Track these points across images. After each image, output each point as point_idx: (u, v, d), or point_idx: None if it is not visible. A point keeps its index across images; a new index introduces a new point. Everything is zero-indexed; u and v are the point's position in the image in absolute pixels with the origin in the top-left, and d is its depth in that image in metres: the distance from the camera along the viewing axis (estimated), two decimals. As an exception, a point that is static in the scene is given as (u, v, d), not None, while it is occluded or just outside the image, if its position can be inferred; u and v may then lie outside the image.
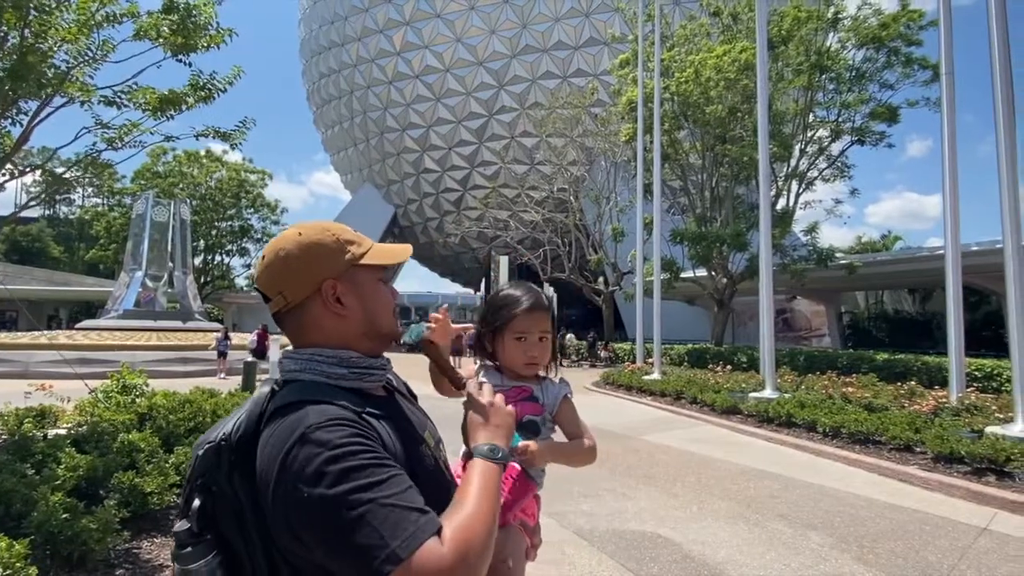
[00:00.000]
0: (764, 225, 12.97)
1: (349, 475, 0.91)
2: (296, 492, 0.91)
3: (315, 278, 1.10)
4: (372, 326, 1.15)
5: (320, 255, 1.12)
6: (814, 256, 21.34)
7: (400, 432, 1.09)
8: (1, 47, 5.39)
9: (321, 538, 0.91)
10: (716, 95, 20.76)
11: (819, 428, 9.28)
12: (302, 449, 0.93)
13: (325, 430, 0.95)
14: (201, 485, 1.02)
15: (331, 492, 0.90)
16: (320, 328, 1.13)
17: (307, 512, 0.91)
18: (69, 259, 61.01)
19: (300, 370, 1.10)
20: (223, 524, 1.01)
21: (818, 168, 22.46)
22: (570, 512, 5.66)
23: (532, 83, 38.43)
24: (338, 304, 1.12)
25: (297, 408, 1.00)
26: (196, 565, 0.98)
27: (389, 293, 1.20)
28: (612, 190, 31.40)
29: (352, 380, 1.10)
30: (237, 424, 1.05)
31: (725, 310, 24.01)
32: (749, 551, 4.74)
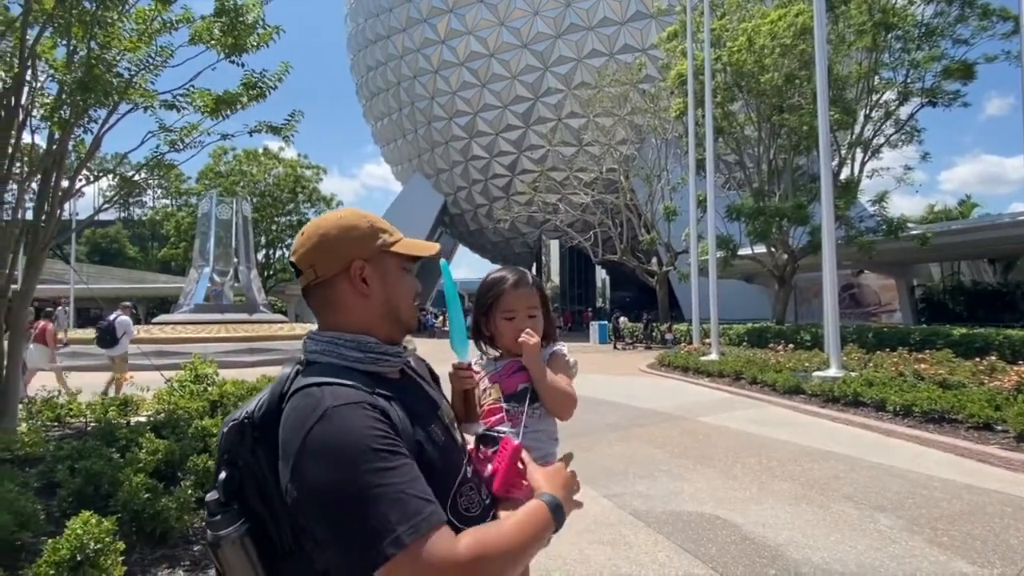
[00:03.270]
0: (826, 196, 12.40)
1: (362, 458, 0.95)
2: (309, 471, 0.96)
3: (346, 257, 1.16)
4: (392, 310, 1.21)
5: (354, 237, 1.18)
6: (883, 227, 20.26)
7: (410, 412, 1.12)
8: (71, 61, 5.73)
9: (328, 518, 0.94)
10: (771, 63, 19.88)
11: (889, 407, 8.88)
12: (318, 429, 0.97)
13: (341, 413, 0.99)
14: (227, 459, 1.11)
15: (343, 473, 0.94)
16: (343, 305, 1.18)
17: (317, 492, 0.95)
18: (144, 258, 64.72)
19: (320, 351, 1.15)
20: (249, 495, 1.09)
21: (885, 134, 21.22)
22: (626, 494, 5.64)
23: (578, 63, 37.82)
24: (363, 284, 1.17)
25: (316, 389, 1.05)
26: (225, 532, 1.06)
27: (412, 283, 1.25)
28: (663, 168, 30.66)
29: (368, 364, 1.14)
30: (260, 403, 1.12)
31: (786, 287, 23.17)
32: (812, 533, 4.61)
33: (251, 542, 1.07)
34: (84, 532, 2.95)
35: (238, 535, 1.06)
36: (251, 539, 1.07)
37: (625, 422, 9.27)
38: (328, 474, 0.94)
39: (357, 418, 0.99)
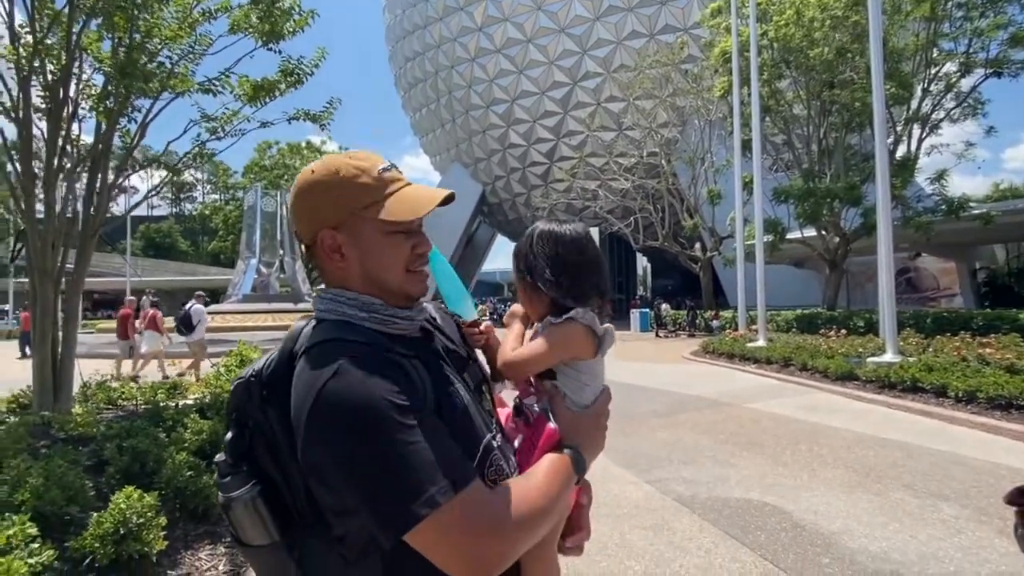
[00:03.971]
0: (881, 174, 11.78)
1: (384, 415, 0.87)
2: (326, 433, 0.88)
3: (315, 224, 1.04)
4: (374, 280, 1.05)
5: (319, 201, 1.03)
6: (942, 207, 19.19)
7: (431, 372, 1.02)
8: (116, 52, 5.86)
9: (353, 484, 0.87)
10: (821, 36, 19.00)
11: (950, 393, 8.40)
12: (333, 387, 0.89)
13: (356, 368, 0.91)
14: (236, 419, 1.05)
15: (364, 433, 0.86)
16: (328, 272, 1.08)
17: (337, 455, 0.87)
18: (195, 251, 67.15)
19: (326, 310, 1.06)
20: (260, 457, 1.03)
21: (944, 108, 20.04)
22: (669, 479, 5.48)
23: (617, 45, 37.06)
24: (338, 256, 1.05)
25: (329, 344, 0.97)
26: (237, 494, 1.00)
27: (401, 251, 1.05)
28: (707, 150, 29.82)
29: (375, 323, 1.04)
30: (270, 360, 1.06)
31: (838, 272, 22.26)
32: (869, 522, 4.37)
33: (264, 504, 1.01)
34: (127, 507, 3.00)
35: (250, 497, 1.00)
36: (264, 501, 1.01)
37: (668, 408, 9.05)
38: (348, 435, 0.86)
39: (374, 373, 0.91)
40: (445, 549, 0.85)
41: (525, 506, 0.92)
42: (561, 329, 1.22)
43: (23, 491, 3.09)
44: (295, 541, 1.03)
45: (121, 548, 2.91)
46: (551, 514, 0.98)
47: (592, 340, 1.23)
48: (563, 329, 1.22)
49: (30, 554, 2.62)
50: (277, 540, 1.02)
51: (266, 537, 1.01)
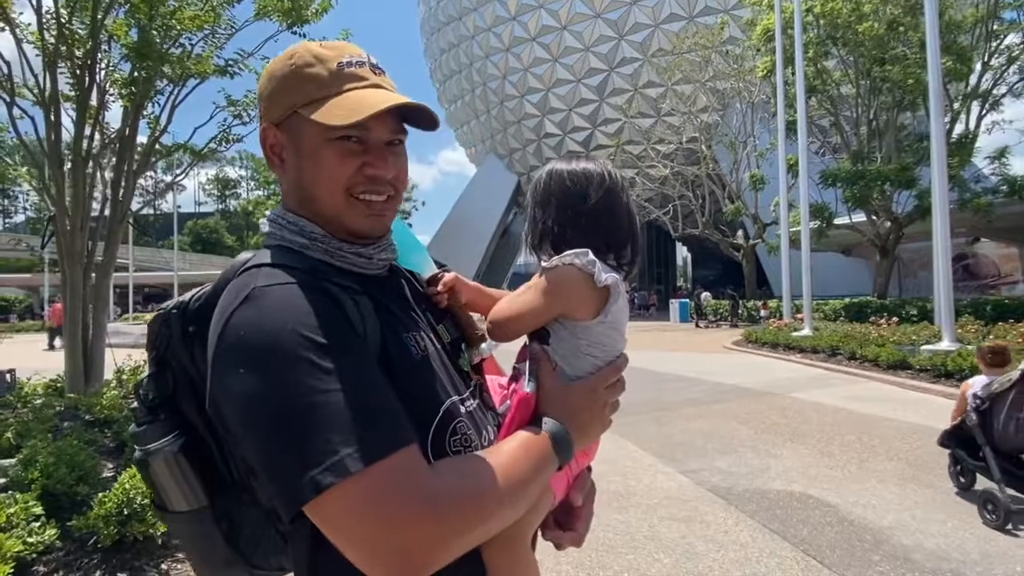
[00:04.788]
0: (937, 153, 11.07)
1: (293, 352, 0.68)
2: (226, 370, 0.70)
3: (262, 118, 0.88)
4: (306, 199, 0.84)
5: (269, 91, 0.86)
6: (1003, 187, 18.03)
7: (381, 313, 0.82)
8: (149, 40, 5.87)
9: (251, 435, 0.68)
10: (871, 9, 18.07)
11: (1016, 382, 7.79)
12: (239, 315, 0.71)
13: (269, 292, 0.72)
14: (156, 358, 0.86)
15: (265, 372, 0.67)
16: (281, 183, 0.90)
17: (235, 398, 0.69)
18: (240, 246, 68.99)
19: (267, 232, 0.88)
20: (183, 405, 0.84)
21: (1007, 82, 18.81)
22: (704, 470, 5.19)
23: (655, 29, 36.14)
24: (277, 159, 0.86)
25: (255, 269, 0.78)
26: (154, 446, 0.82)
27: (341, 165, 0.81)
28: (749, 134, 28.86)
29: (317, 252, 0.83)
30: (201, 292, 0.86)
31: (889, 259, 21.23)
32: (923, 516, 4.01)
33: (187, 462, 0.82)
34: (132, 487, 2.92)
35: (171, 451, 0.82)
36: (187, 458, 0.82)
37: (706, 398, 8.69)
38: (247, 375, 0.68)
39: (290, 300, 0.72)
40: (353, 533, 0.64)
41: (474, 488, 0.71)
42: (551, 274, 0.94)
43: (33, 470, 3.05)
44: (226, 508, 0.85)
45: (125, 529, 2.83)
46: (512, 503, 0.75)
47: (591, 291, 0.91)
48: (554, 273, 0.93)
49: (30, 533, 2.55)
50: (204, 505, 0.84)
51: (191, 501, 0.83)
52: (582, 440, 0.91)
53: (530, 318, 0.95)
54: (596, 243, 0.96)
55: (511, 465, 0.77)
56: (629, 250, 1.01)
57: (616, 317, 0.95)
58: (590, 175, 1.00)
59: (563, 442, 0.85)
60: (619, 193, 1.01)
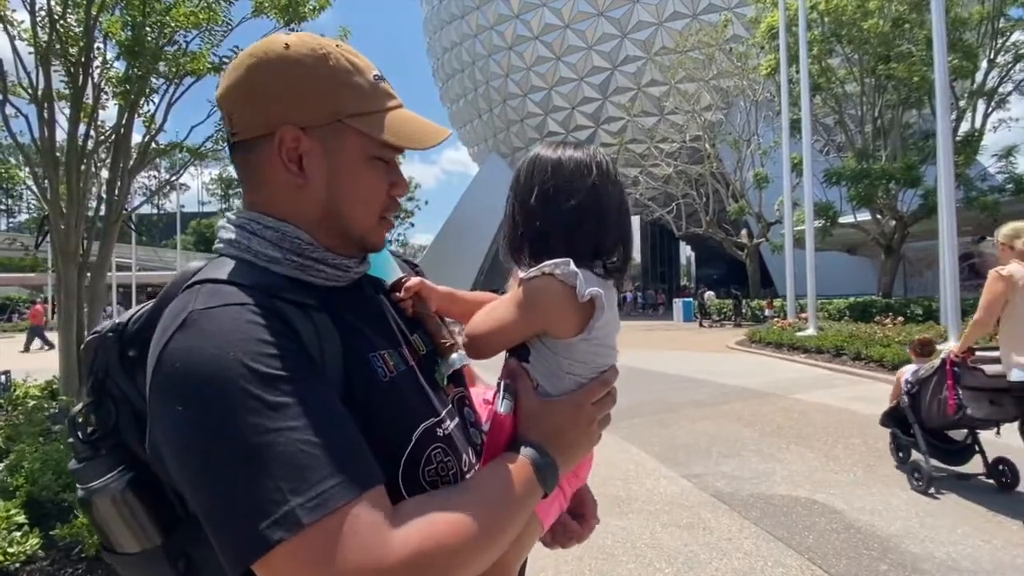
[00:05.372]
0: (943, 150, 10.97)
1: (235, 385, 0.59)
2: (162, 404, 0.62)
3: (273, 115, 0.73)
4: (334, 215, 0.77)
5: (295, 86, 0.74)
6: (1010, 185, 17.87)
7: (344, 331, 0.72)
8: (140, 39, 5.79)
9: (190, 482, 0.60)
10: (876, 6, 17.91)
11: None
12: (176, 342, 0.62)
13: (210, 316, 0.63)
14: (94, 386, 0.75)
15: (204, 409, 0.59)
16: (267, 185, 0.77)
17: (172, 438, 0.61)
18: (244, 245, 69.25)
19: (226, 240, 0.77)
20: (126, 434, 0.74)
21: (1013, 80, 18.66)
22: (708, 474, 5.10)
23: (658, 27, 36.00)
24: (295, 167, 0.74)
25: (198, 286, 0.69)
26: (98, 484, 0.72)
27: (378, 184, 0.79)
28: (753, 132, 28.70)
29: (287, 267, 0.74)
30: (141, 310, 0.77)
31: (894, 258, 21.07)
32: (933, 524, 3.91)
33: (136, 499, 0.72)
34: (119, 494, 2.84)
35: (117, 489, 0.72)
36: (135, 495, 0.72)
37: (709, 399, 8.59)
38: (184, 411, 0.59)
39: (231, 324, 0.63)
40: None
41: (445, 535, 0.61)
42: (528, 286, 0.83)
43: (18, 476, 2.98)
44: (182, 546, 0.74)
45: (111, 537, 2.76)
46: (490, 544, 0.66)
47: (571, 306, 0.81)
48: (531, 286, 0.83)
49: (12, 542, 2.48)
50: (157, 545, 0.73)
51: (143, 541, 0.73)
52: (568, 463, 0.83)
53: (507, 334, 0.86)
54: (582, 248, 0.85)
55: (488, 503, 0.68)
56: (619, 253, 0.90)
57: (602, 333, 0.85)
58: (577, 166, 0.88)
59: (547, 468, 0.76)
60: (609, 187, 0.89)
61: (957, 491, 4.54)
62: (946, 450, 4.80)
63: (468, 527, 0.63)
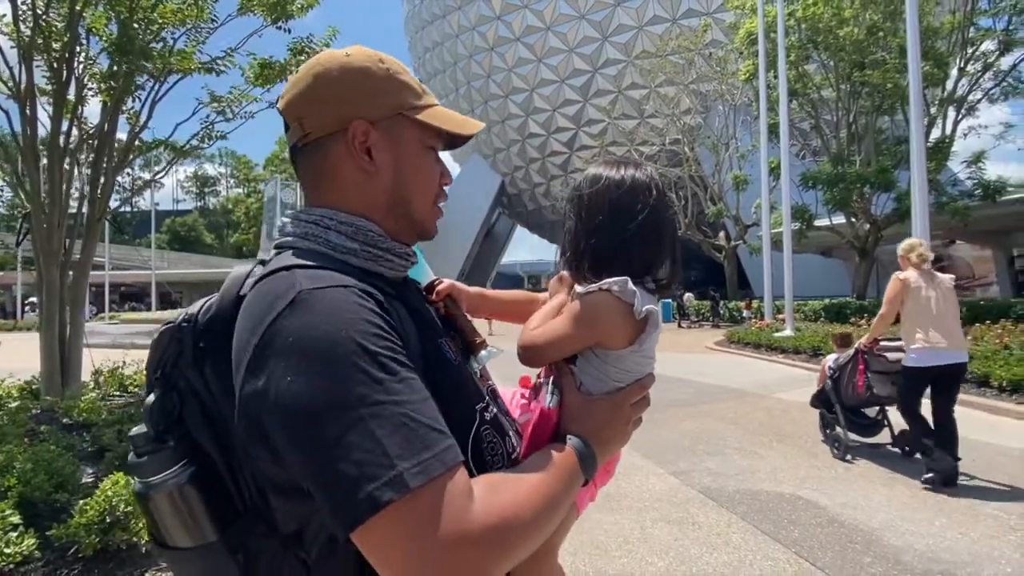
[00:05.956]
0: (917, 155, 11.26)
1: (352, 359, 0.63)
2: (274, 375, 0.64)
3: (344, 112, 0.81)
4: (400, 201, 0.85)
5: (360, 86, 0.83)
6: (978, 191, 18.41)
7: (416, 319, 0.79)
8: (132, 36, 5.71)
9: (299, 445, 0.62)
10: (851, 15, 18.32)
11: (993, 382, 7.95)
12: (289, 318, 0.66)
13: (321, 296, 0.67)
14: (161, 378, 0.77)
15: (324, 378, 0.62)
16: (337, 180, 0.83)
17: (285, 406, 0.63)
18: (220, 244, 68.04)
19: (300, 234, 0.81)
20: (193, 428, 0.76)
21: (982, 88, 19.21)
22: (694, 471, 5.20)
23: (639, 31, 36.38)
24: (366, 156, 0.82)
25: (286, 272, 0.72)
26: (159, 479, 0.73)
27: (435, 171, 0.89)
28: (731, 136, 29.16)
29: (363, 258, 0.80)
30: (208, 304, 0.79)
31: (868, 260, 21.56)
32: (913, 517, 4.04)
33: (196, 493, 0.74)
34: (115, 494, 2.82)
35: (176, 484, 0.73)
36: (196, 489, 0.74)
37: (692, 398, 8.73)
38: (298, 381, 0.62)
39: (341, 304, 0.67)
40: (404, 556, 0.59)
41: (515, 511, 0.66)
42: (587, 301, 0.89)
43: (9, 477, 2.93)
44: (241, 540, 0.77)
45: (108, 537, 2.74)
46: (547, 523, 0.71)
47: (627, 321, 0.88)
48: (589, 301, 0.89)
49: (8, 543, 2.45)
50: (213, 540, 0.75)
51: (197, 537, 0.75)
52: (604, 456, 0.89)
53: (563, 346, 0.91)
54: (638, 265, 0.92)
55: (545, 485, 0.73)
56: (670, 270, 0.97)
57: (650, 346, 0.92)
58: (638, 188, 0.94)
59: (588, 459, 0.83)
60: (666, 207, 0.96)
61: (869, 457, 5.50)
62: (861, 424, 5.68)
63: (535, 503, 0.69)
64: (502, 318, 1.18)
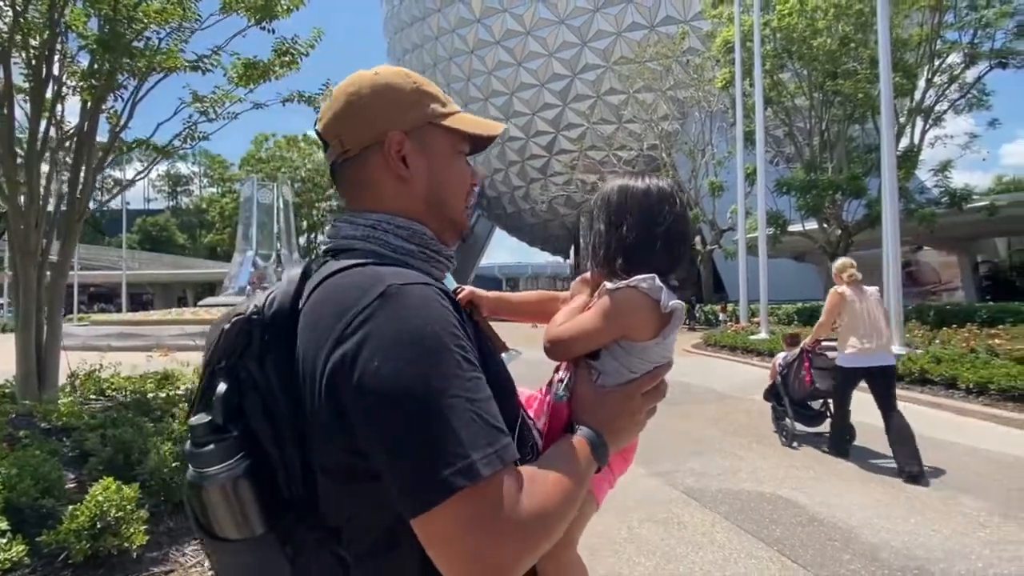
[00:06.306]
0: (887, 162, 11.61)
1: (440, 354, 0.69)
2: (364, 358, 0.67)
3: (380, 125, 0.88)
4: (438, 202, 0.91)
5: (391, 100, 0.89)
6: (945, 199, 19.01)
7: (474, 328, 0.84)
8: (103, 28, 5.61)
9: (381, 424, 0.66)
10: (825, 25, 18.77)
11: (961, 384, 8.24)
12: (381, 309, 0.70)
13: (411, 291, 0.73)
14: (226, 368, 0.78)
15: (415, 367, 0.67)
16: (378, 189, 0.89)
17: (373, 386, 0.66)
18: (192, 245, 66.75)
19: (359, 237, 0.86)
20: (253, 420, 0.77)
21: (949, 99, 19.84)
22: (677, 471, 5.29)
23: (617, 36, 36.77)
24: (402, 164, 0.88)
25: (367, 267, 0.77)
26: (216, 469, 0.74)
27: (466, 173, 0.96)
28: (708, 142, 29.63)
29: (419, 260, 0.86)
30: (271, 297, 0.81)
31: (839, 265, 22.07)
32: (888, 515, 4.18)
33: (249, 486, 0.75)
34: (105, 499, 2.80)
35: (231, 476, 0.74)
36: (249, 482, 0.75)
37: (671, 399, 8.76)
38: (392, 364, 0.66)
39: (429, 300, 0.73)
40: (463, 539, 0.64)
41: (549, 503, 0.72)
42: (617, 297, 0.95)
43: (-6, 482, 2.88)
44: (289, 532, 0.79)
45: (98, 543, 2.71)
46: (569, 513, 0.77)
47: (654, 316, 0.95)
48: (619, 297, 0.95)
49: (-3, 550, 2.42)
50: (260, 533, 0.77)
51: (244, 530, 0.76)
52: (616, 445, 0.94)
53: (592, 340, 0.97)
54: (663, 265, 0.99)
55: (570, 472, 0.79)
56: (686, 271, 1.05)
57: (672, 339, 0.99)
58: (664, 195, 1.02)
59: (600, 448, 0.88)
60: (687, 214, 1.04)
61: (814, 445, 6.16)
62: (807, 415, 6.34)
63: (564, 491, 0.75)
64: (522, 319, 1.25)
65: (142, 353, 13.38)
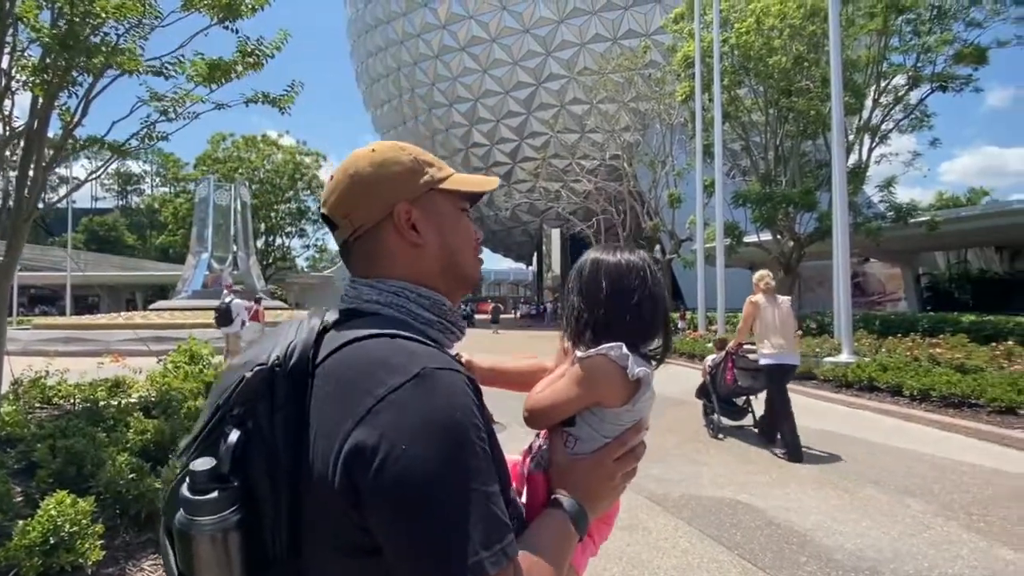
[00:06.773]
0: (839, 178, 12.10)
1: (465, 449, 0.70)
2: (388, 440, 0.67)
3: (386, 200, 0.91)
4: (452, 262, 0.95)
5: (393, 174, 0.92)
6: (890, 213, 19.91)
7: None
8: (56, 24, 5.40)
9: (394, 509, 0.67)
10: (780, 44, 19.46)
11: (906, 392, 8.63)
12: (413, 393, 0.70)
13: (443, 378, 0.73)
14: (238, 417, 0.76)
15: (442, 463, 0.68)
16: (392, 259, 0.91)
17: (394, 471, 0.66)
18: (143, 246, 64.33)
19: (383, 303, 0.87)
20: (254, 473, 0.75)
21: (893, 119, 20.83)
22: (640, 477, 5.34)
23: (581, 48, 37.27)
24: (413, 231, 0.91)
25: (395, 340, 0.77)
26: (209, 520, 0.72)
27: (471, 228, 1.00)
28: (668, 154, 30.24)
29: (437, 331, 0.88)
30: (290, 347, 0.79)
31: (792, 275, 22.81)
32: (841, 518, 4.36)
33: (238, 539, 0.73)
34: (59, 513, 2.68)
35: (221, 529, 0.72)
36: (239, 535, 0.73)
37: (633, 407, 8.98)
38: (417, 451, 0.67)
39: (459, 388, 0.74)
40: None
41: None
42: (586, 365, 1.00)
43: (-63, 498, 2.73)
44: None
45: (51, 559, 2.59)
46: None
47: (623, 383, 0.98)
48: (588, 364, 0.99)
49: (-59, 569, 2.29)
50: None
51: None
52: (595, 511, 0.97)
53: (565, 407, 1.01)
54: (633, 336, 1.03)
55: (552, 548, 0.84)
56: (661, 340, 1.09)
57: (643, 404, 1.03)
58: (633, 270, 1.06)
59: (580, 517, 0.91)
60: (657, 288, 1.07)
61: (737, 436, 6.98)
62: (732, 411, 7.20)
63: (548, 568, 0.80)
64: (513, 388, 1.26)
65: (90, 359, 12.80)
